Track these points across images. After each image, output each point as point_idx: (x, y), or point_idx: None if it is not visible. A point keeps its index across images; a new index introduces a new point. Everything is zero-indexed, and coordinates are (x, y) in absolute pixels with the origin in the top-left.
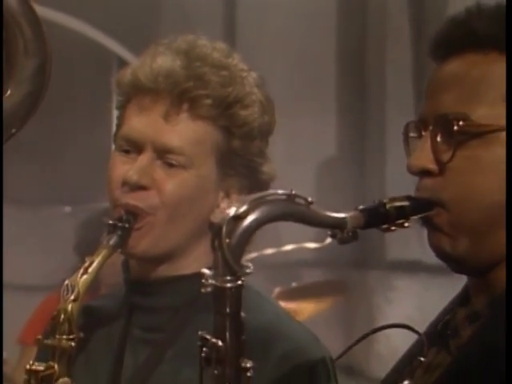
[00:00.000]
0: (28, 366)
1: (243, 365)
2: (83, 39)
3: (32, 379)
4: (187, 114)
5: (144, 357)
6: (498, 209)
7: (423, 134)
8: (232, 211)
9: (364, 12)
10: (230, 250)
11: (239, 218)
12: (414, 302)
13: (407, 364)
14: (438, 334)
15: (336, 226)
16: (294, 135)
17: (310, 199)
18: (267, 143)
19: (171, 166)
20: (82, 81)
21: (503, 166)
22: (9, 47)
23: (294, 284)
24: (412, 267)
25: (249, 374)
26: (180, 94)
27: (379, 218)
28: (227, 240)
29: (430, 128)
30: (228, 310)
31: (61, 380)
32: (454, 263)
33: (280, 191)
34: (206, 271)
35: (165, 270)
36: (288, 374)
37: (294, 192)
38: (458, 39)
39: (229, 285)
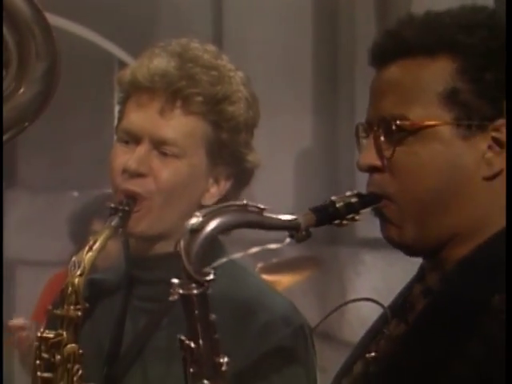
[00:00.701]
0: (39, 334)
1: (218, 361)
2: (88, 44)
3: (42, 346)
4: (180, 110)
5: (142, 324)
6: (437, 197)
7: (370, 134)
8: (188, 225)
9: (335, 18)
10: (189, 262)
11: (196, 231)
12: (379, 275)
13: (373, 336)
14: (398, 307)
15: (290, 228)
16: (275, 130)
17: (262, 206)
18: (252, 135)
19: (166, 155)
20: (88, 80)
21: (439, 159)
22: (22, 51)
23: (274, 260)
24: (378, 244)
25: (224, 369)
26: (174, 92)
27: (330, 215)
28: (186, 254)
29: (375, 129)
30: (197, 313)
31: (69, 346)
32: (404, 249)
33: (234, 202)
34: (174, 281)
35: (161, 247)
36: (269, 341)
37: (246, 202)
38: (392, 48)
39: (194, 291)
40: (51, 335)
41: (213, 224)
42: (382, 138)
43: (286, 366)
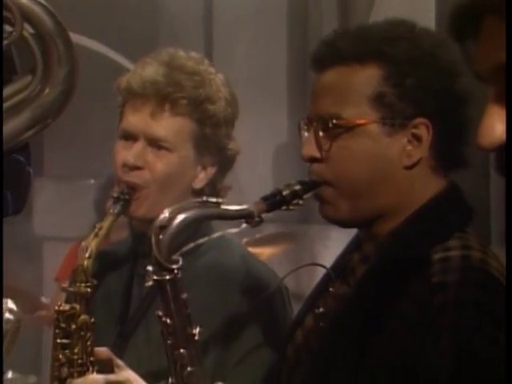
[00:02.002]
0: (56, 307)
1: (190, 332)
2: (102, 56)
3: (60, 317)
4: (169, 112)
5: (147, 289)
6: (366, 183)
7: (310, 129)
8: (157, 222)
9: (305, 30)
10: (160, 253)
11: (163, 226)
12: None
13: (320, 292)
14: (341, 270)
15: (245, 216)
16: (256, 128)
17: (219, 200)
18: (232, 127)
19: (159, 150)
20: (101, 83)
21: (368, 152)
22: (47, 58)
23: (257, 235)
24: None
25: (196, 338)
26: (163, 97)
27: (278, 202)
28: (157, 246)
29: (314, 125)
30: (170, 294)
31: (81, 317)
32: (339, 224)
33: (195, 199)
34: (149, 268)
35: None
36: (251, 303)
37: (205, 198)
38: (329, 56)
39: (167, 277)
40: (67, 308)
41: (178, 219)
42: (321, 133)
43: (267, 323)
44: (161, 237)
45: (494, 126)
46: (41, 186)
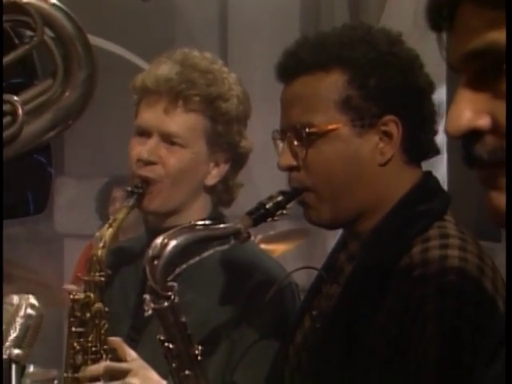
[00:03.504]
0: (71, 296)
1: (193, 353)
2: (119, 58)
3: (75, 306)
4: (182, 108)
5: None
6: (344, 184)
7: (285, 140)
8: (149, 254)
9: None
10: (156, 282)
11: (156, 257)
12: None
13: (315, 294)
14: (331, 270)
15: (234, 233)
16: (271, 126)
17: (207, 222)
18: (245, 125)
19: (172, 146)
20: (118, 85)
21: (342, 155)
22: (67, 62)
23: (271, 232)
24: None
25: (199, 358)
26: (176, 94)
27: (263, 215)
28: (152, 277)
29: (288, 135)
30: (170, 320)
31: (96, 305)
32: (323, 226)
33: (183, 225)
34: (146, 297)
35: (173, 221)
36: (262, 296)
37: (192, 222)
38: (292, 67)
39: (165, 304)
40: (82, 296)
41: (169, 247)
42: (295, 142)
43: (276, 318)
44: (155, 265)
45: (461, 113)
46: (61, 184)
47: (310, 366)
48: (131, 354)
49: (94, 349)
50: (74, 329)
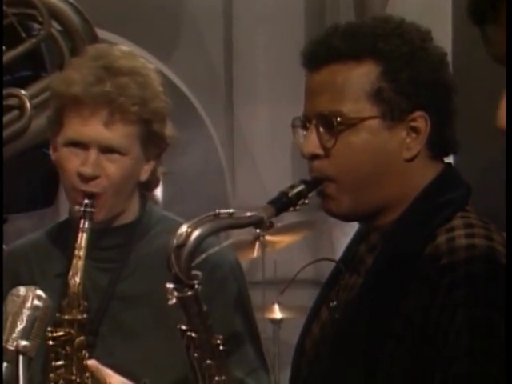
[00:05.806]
0: (50, 334)
1: (215, 343)
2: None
3: (55, 342)
4: (121, 120)
5: (105, 280)
6: (368, 177)
7: (308, 126)
8: (174, 242)
9: (323, 21)
10: (181, 271)
11: (181, 245)
12: None
13: (332, 286)
14: (350, 262)
15: (257, 223)
16: (275, 119)
17: (231, 211)
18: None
19: (111, 154)
20: None
21: (369, 147)
22: (75, 55)
23: (278, 224)
24: None
25: (221, 348)
26: (115, 108)
27: (285, 205)
28: (177, 265)
29: (314, 122)
30: (193, 309)
31: (77, 340)
32: (341, 218)
33: (208, 213)
34: (169, 285)
35: (117, 221)
36: (216, 276)
37: (217, 211)
38: (322, 54)
39: (189, 293)
40: (61, 333)
41: (193, 236)
42: (322, 130)
43: (228, 293)
44: (180, 254)
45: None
46: None
47: (329, 357)
48: (108, 372)
49: (78, 380)
50: (54, 363)
